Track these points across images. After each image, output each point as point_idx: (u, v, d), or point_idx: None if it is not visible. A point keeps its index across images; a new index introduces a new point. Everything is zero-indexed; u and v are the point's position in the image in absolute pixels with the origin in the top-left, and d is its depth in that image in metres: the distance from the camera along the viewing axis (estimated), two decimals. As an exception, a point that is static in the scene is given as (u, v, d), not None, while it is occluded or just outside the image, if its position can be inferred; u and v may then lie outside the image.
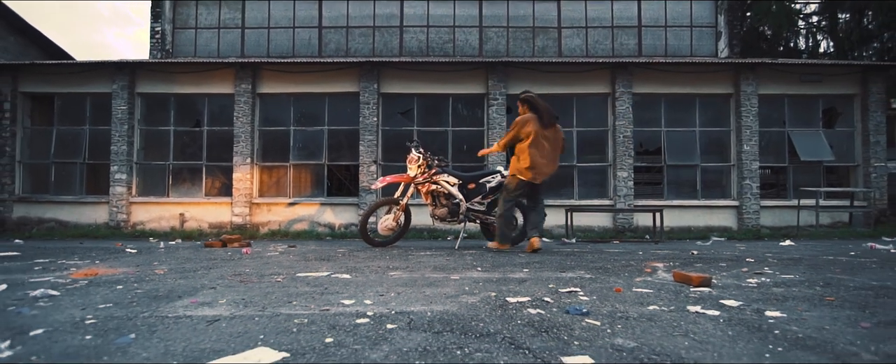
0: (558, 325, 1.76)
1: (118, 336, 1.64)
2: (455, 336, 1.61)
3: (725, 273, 3.11)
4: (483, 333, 1.65)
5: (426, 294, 2.38)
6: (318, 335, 1.63)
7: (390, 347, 1.49)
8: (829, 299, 2.23)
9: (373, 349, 1.47)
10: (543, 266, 3.51)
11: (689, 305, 2.09)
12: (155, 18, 12.17)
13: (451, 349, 1.47)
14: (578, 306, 2.04)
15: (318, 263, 3.70)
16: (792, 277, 2.90)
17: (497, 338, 1.59)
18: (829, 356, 1.40)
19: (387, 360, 1.37)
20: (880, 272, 3.14)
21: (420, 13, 12.55)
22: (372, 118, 8.77)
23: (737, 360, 1.36)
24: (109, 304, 2.18)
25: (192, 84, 9.06)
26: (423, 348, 1.47)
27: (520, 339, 1.58)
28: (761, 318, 1.87)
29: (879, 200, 8.62)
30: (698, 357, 1.39)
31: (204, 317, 1.92)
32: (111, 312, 2.01)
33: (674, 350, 1.45)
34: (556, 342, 1.54)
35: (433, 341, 1.55)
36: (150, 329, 1.74)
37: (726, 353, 1.42)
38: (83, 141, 9.10)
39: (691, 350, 1.46)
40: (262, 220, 8.70)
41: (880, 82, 8.88)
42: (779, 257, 4.13)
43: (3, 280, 2.86)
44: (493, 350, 1.46)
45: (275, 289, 2.55)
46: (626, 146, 8.67)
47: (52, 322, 1.85)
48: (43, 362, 1.38)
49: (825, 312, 1.97)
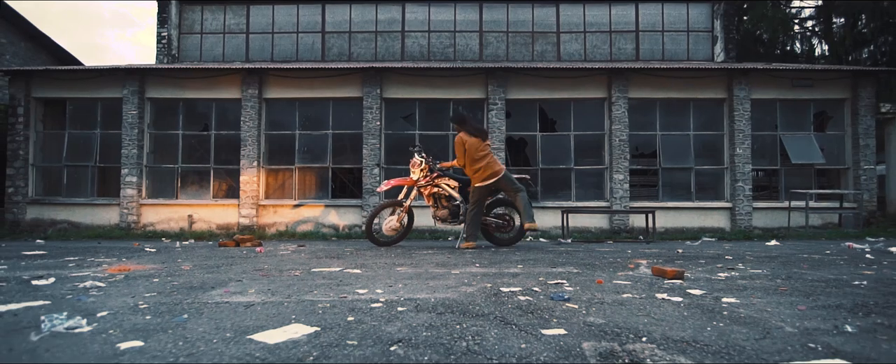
0: (542, 308, 2.10)
1: (173, 316, 1.99)
2: (455, 316, 1.95)
3: (701, 268, 3.45)
4: (478, 314, 1.99)
5: (429, 285, 2.72)
6: (340, 315, 1.97)
7: (401, 323, 1.83)
8: (782, 289, 2.57)
9: (387, 324, 1.81)
10: (537, 263, 3.85)
11: (658, 293, 2.43)
12: (161, 24, 12.54)
13: (452, 325, 1.81)
14: (562, 294, 2.38)
15: (330, 261, 4.05)
16: (760, 272, 3.24)
17: (490, 317, 1.93)
18: (758, 329, 1.74)
19: (400, 332, 1.71)
20: (842, 268, 3.47)
21: (421, 18, 12.92)
22: (375, 122, 9.12)
23: (681, 332, 1.70)
24: (153, 293, 2.52)
25: (200, 89, 9.41)
26: (428, 324, 1.81)
27: (509, 317, 1.92)
28: (717, 303, 2.21)
29: (869, 202, 8.94)
30: (652, 330, 1.73)
31: (239, 302, 2.26)
32: (158, 299, 2.36)
33: (633, 325, 1.79)
34: (539, 320, 1.88)
35: (436, 319, 1.89)
36: (197, 311, 2.08)
37: (675, 328, 1.76)
38: (94, 144, 9.46)
39: (648, 325, 1.80)
40: (269, 222, 9.04)
41: (870, 87, 9.22)
42: (757, 255, 4.47)
43: (50, 274, 3.20)
44: (486, 325, 1.80)
45: (295, 281, 2.89)
46: (621, 149, 9.01)
47: (111, 306, 2.20)
48: (120, 332, 1.73)
49: (774, 299, 2.31)
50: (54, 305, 2.22)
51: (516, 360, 1.39)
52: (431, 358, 1.42)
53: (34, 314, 2.06)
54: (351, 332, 1.70)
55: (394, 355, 1.45)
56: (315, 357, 1.43)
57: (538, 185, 9.28)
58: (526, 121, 9.57)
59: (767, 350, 1.49)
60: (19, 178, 9.24)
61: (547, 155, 9.37)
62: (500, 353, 1.46)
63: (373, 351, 1.49)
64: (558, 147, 9.40)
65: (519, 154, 10.47)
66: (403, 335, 1.67)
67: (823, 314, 1.98)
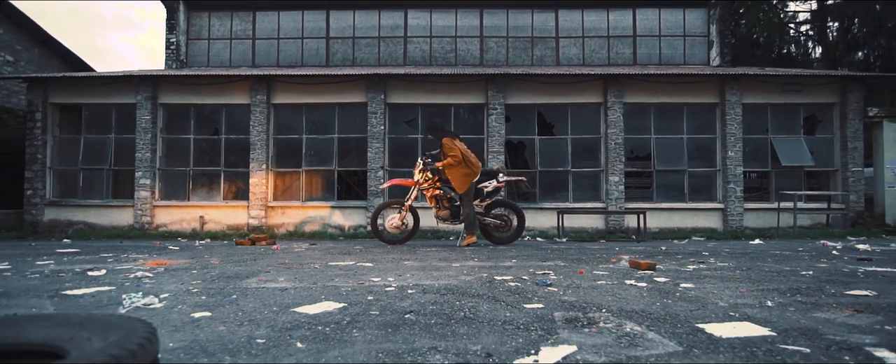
0: (528, 290, 2.57)
1: (223, 297, 2.46)
2: (455, 296, 2.42)
3: (675, 262, 3.91)
4: (474, 294, 2.46)
5: (433, 275, 3.19)
6: (361, 295, 2.45)
7: (412, 301, 2.30)
8: (736, 278, 3.03)
9: (400, 301, 2.28)
10: (530, 258, 4.31)
11: (628, 280, 2.89)
12: (170, 30, 13.05)
13: (452, 301, 2.28)
14: (546, 280, 2.85)
15: (342, 256, 4.52)
16: (726, 265, 3.70)
17: (483, 297, 2.40)
18: (696, 304, 2.20)
19: (411, 306, 2.17)
20: (801, 262, 3.93)
21: (423, 24, 13.40)
22: (379, 127, 9.59)
23: (635, 306, 2.16)
24: (198, 281, 3.00)
25: (211, 95, 9.90)
26: (433, 301, 2.28)
27: (499, 297, 2.39)
28: (675, 287, 2.67)
29: (856, 203, 9.37)
30: (612, 305, 2.19)
31: (275, 287, 2.74)
32: (205, 285, 2.83)
33: (599, 302, 2.26)
34: (523, 298, 2.35)
35: (440, 298, 2.36)
36: (242, 293, 2.56)
37: (632, 303, 2.23)
38: (109, 148, 9.95)
39: (611, 302, 2.26)
40: (277, 222, 9.52)
41: (858, 91, 9.65)
42: (732, 252, 4.93)
43: (98, 267, 3.68)
44: (480, 302, 2.27)
45: (316, 272, 3.36)
46: (617, 152, 9.46)
47: (168, 290, 2.68)
48: (188, 307, 2.20)
49: (724, 285, 2.77)
50: (119, 290, 2.70)
51: (501, 322, 1.86)
52: (436, 321, 1.88)
53: (108, 296, 2.54)
54: (372, 307, 2.17)
55: (407, 320, 1.92)
56: (348, 321, 1.90)
57: (536, 186, 9.74)
58: (525, 125, 10.03)
59: (696, 317, 1.95)
60: (37, 180, 9.74)
61: (545, 158, 9.83)
62: (490, 319, 1.93)
63: (391, 318, 1.96)
64: (556, 150, 9.85)
65: (518, 157, 10.93)
66: (414, 308, 2.14)
67: (757, 294, 2.44)
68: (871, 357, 1.41)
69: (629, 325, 1.80)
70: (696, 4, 13.29)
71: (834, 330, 1.72)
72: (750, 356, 1.41)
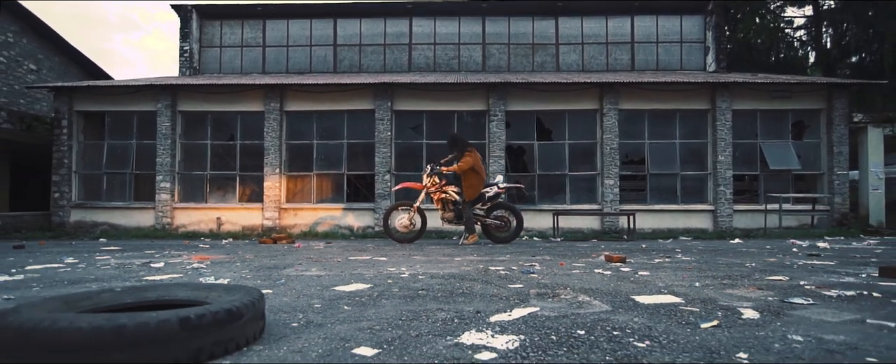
0: (514, 276, 3.30)
1: (273, 281, 3.20)
2: (456, 280, 3.15)
3: (646, 257, 4.62)
4: (471, 279, 3.19)
5: (439, 266, 3.92)
6: (382, 279, 3.18)
7: (423, 283, 3.03)
8: (689, 268, 3.74)
9: (413, 283, 3.02)
10: (522, 254, 5.04)
11: (597, 269, 3.62)
12: (183, 38, 13.86)
13: (454, 283, 3.01)
14: (530, 269, 3.57)
15: (358, 253, 5.26)
16: (688, 259, 4.41)
17: (478, 280, 3.13)
18: (641, 285, 2.92)
19: (422, 286, 2.91)
20: (756, 258, 4.63)
21: (427, 31, 14.15)
22: (386, 132, 10.34)
23: (592, 286, 2.88)
24: (246, 270, 3.74)
25: (227, 103, 10.68)
26: (439, 283, 3.01)
27: (490, 280, 3.12)
28: (633, 274, 3.39)
29: (841, 205, 10.04)
30: (576, 285, 2.92)
31: (311, 274, 3.48)
32: (254, 273, 3.57)
33: (566, 283, 2.98)
34: (508, 281, 3.08)
35: (444, 281, 3.09)
36: (288, 278, 3.30)
37: (591, 284, 2.95)
38: (130, 153, 10.75)
39: (575, 284, 2.98)
40: (290, 223, 10.28)
41: (844, 98, 10.32)
42: (703, 249, 5.63)
43: (155, 261, 4.43)
44: (475, 284, 2.99)
45: (341, 264, 4.10)
46: (612, 157, 10.17)
47: (228, 276, 3.42)
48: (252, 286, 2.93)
49: (675, 273, 3.48)
50: (187, 277, 3.44)
51: (490, 296, 2.59)
52: (441, 295, 2.62)
53: (183, 280, 3.28)
54: (393, 286, 2.91)
55: (420, 294, 2.65)
56: (377, 294, 2.63)
57: (535, 189, 10.46)
58: (524, 130, 10.75)
59: (634, 292, 2.67)
60: (64, 184, 10.54)
61: (543, 162, 10.55)
62: (481, 294, 2.66)
63: (408, 293, 2.69)
64: (554, 155, 10.57)
65: (518, 161, 11.65)
66: (425, 287, 2.87)
67: (693, 279, 3.16)
68: (736, 312, 2.13)
69: (582, 297, 2.53)
70: (692, 11, 14.00)
71: (727, 300, 2.44)
72: (654, 313, 2.14)
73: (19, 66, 12.48)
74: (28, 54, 12.72)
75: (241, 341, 1.57)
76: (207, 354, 1.45)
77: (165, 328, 1.36)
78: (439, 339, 1.71)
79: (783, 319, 2.00)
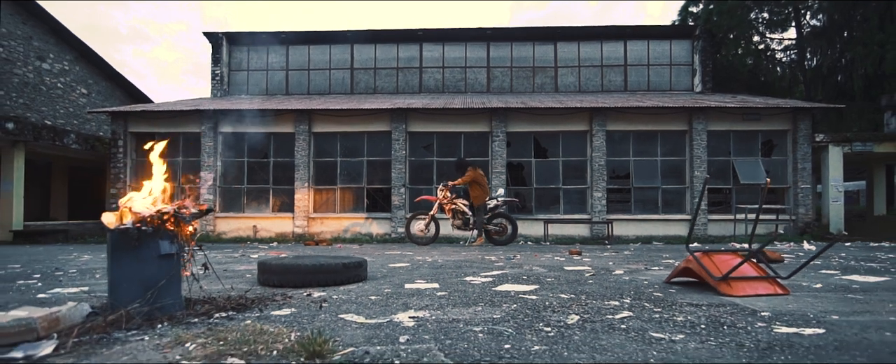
0: (499, 263, 5.30)
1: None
2: (462, 263, 5.17)
3: (604, 252, 6.59)
4: (471, 263, 5.20)
5: (451, 257, 5.93)
6: (414, 263, 5.21)
7: (440, 264, 5.05)
8: (621, 259, 5.72)
9: (436, 263, 5.04)
10: (513, 251, 7.03)
11: (558, 258, 5.61)
12: (215, 63, 16.08)
13: (460, 264, 5.03)
14: (512, 258, 5.58)
15: (389, 250, 7.29)
16: (631, 254, 6.39)
17: (475, 263, 5.15)
18: (577, 264, 4.91)
19: (440, 266, 4.92)
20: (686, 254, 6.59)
21: (436, 56, 16.28)
22: (401, 151, 12.39)
23: (547, 265, 4.88)
24: (319, 259, 5.78)
25: (261, 125, 12.80)
26: (450, 265, 5.03)
27: (484, 264, 5.13)
28: (579, 260, 5.37)
29: (805, 215, 11.93)
30: (535, 263, 4.91)
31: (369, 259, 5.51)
32: (326, 260, 5.61)
33: (531, 262, 4.98)
34: (495, 262, 5.09)
35: (453, 265, 5.11)
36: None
37: (545, 263, 4.94)
38: (177, 170, 12.88)
39: (535, 262, 4.98)
40: (317, 231, 12.32)
41: (807, 120, 12.24)
42: (653, 248, 7.59)
43: (246, 253, 6.49)
44: (473, 265, 5.00)
45: (382, 256, 6.13)
46: (600, 172, 12.15)
47: (311, 262, 5.46)
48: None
49: (610, 261, 5.46)
50: (283, 262, 5.48)
51: (482, 267, 4.60)
52: (451, 269, 4.64)
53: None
54: (421, 266, 4.93)
55: (440, 269, 4.67)
56: (414, 268, 4.66)
57: (532, 201, 12.45)
58: (523, 149, 12.76)
59: (566, 266, 4.67)
60: (121, 196, 12.67)
61: (540, 177, 12.54)
62: (477, 266, 4.67)
63: (433, 267, 4.71)
64: (549, 170, 12.56)
65: (517, 176, 13.66)
66: (441, 266, 4.90)
67: (618, 262, 5.13)
68: (613, 273, 4.11)
69: (535, 268, 4.53)
70: (681, 36, 16.04)
71: (618, 270, 4.43)
72: (569, 272, 4.13)
73: (73, 91, 14.72)
74: (80, 80, 14.96)
75: (361, 276, 3.61)
76: (350, 278, 3.49)
77: (335, 265, 3.39)
78: (453, 277, 3.73)
79: (636, 276, 3.99)
